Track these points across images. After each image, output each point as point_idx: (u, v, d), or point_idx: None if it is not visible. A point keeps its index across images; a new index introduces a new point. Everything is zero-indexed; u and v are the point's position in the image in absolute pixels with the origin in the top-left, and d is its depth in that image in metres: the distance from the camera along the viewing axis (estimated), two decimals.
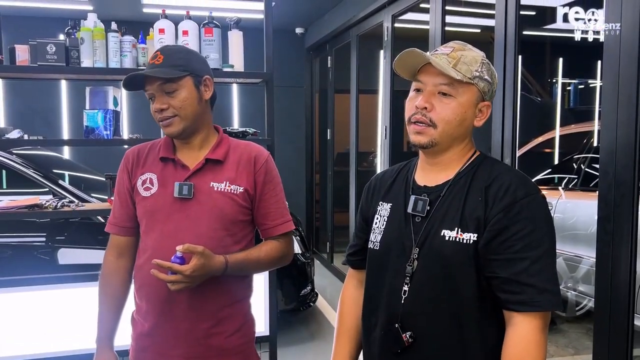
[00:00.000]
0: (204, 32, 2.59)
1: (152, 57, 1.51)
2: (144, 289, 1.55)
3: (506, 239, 1.12)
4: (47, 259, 3.55)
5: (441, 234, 1.18)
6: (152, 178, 1.55)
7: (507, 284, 1.12)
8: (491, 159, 1.27)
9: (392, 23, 4.25)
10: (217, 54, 2.61)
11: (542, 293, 1.10)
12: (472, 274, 1.15)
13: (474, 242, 1.15)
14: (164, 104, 1.48)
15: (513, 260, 1.11)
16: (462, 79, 1.18)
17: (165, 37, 2.56)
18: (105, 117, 2.51)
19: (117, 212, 1.61)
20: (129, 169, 1.59)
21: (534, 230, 1.12)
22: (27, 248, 3.56)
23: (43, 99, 5.81)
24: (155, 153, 1.59)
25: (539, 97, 6.07)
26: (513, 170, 1.24)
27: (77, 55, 2.45)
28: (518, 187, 1.15)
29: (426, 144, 1.21)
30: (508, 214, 1.13)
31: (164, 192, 1.53)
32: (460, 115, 1.20)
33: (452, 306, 1.16)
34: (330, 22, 5.68)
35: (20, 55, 2.43)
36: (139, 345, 1.59)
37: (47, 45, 2.40)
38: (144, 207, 1.55)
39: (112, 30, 2.53)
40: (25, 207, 2.44)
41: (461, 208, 1.18)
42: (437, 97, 1.20)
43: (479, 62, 1.21)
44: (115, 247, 1.62)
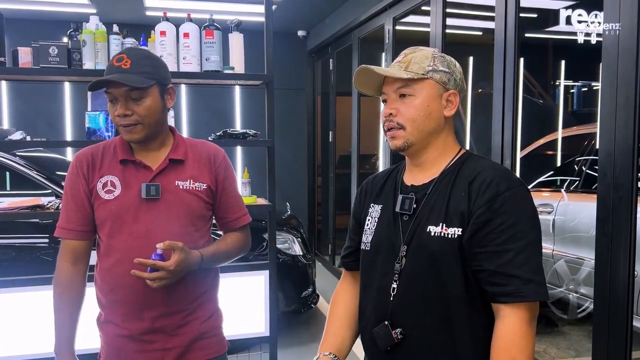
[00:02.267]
0: (205, 35, 2.61)
1: (118, 60, 1.50)
2: (117, 291, 1.55)
3: (490, 232, 1.14)
4: (50, 260, 3.57)
5: (427, 230, 1.20)
6: (114, 180, 1.55)
7: (493, 276, 1.13)
8: (476, 156, 1.29)
9: (393, 26, 4.27)
10: (217, 56, 2.62)
11: (528, 283, 1.11)
12: (459, 269, 1.17)
13: (458, 237, 1.17)
14: (128, 110, 1.48)
15: (498, 252, 1.13)
16: (414, 76, 1.23)
17: (167, 39, 2.58)
18: (106, 119, 2.53)
19: (72, 217, 1.58)
20: (85, 173, 1.57)
21: (518, 222, 1.14)
22: (30, 249, 3.59)
23: (46, 101, 5.84)
24: (111, 155, 1.58)
25: (541, 99, 6.07)
26: (496, 165, 1.26)
27: (79, 58, 2.47)
28: (500, 180, 1.17)
29: (402, 146, 1.26)
30: (491, 207, 1.15)
31: (127, 194, 1.54)
32: (424, 109, 1.24)
33: (440, 301, 1.18)
34: (332, 25, 5.70)
35: (23, 57, 2.45)
36: (114, 346, 1.59)
37: (49, 47, 2.42)
38: (107, 210, 1.54)
39: (114, 33, 2.55)
40: (27, 207, 2.46)
41: (446, 204, 1.20)
42: (399, 101, 1.25)
43: (430, 58, 1.25)
44: (71, 253, 1.59)
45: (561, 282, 3.82)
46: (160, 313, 1.55)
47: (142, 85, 1.47)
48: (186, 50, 2.60)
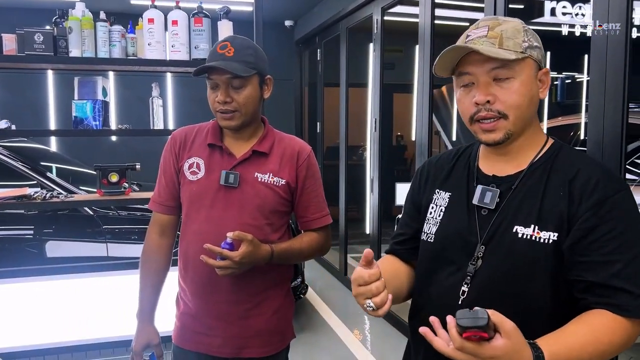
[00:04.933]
0: (194, 22, 2.58)
1: (221, 47, 1.54)
2: (189, 271, 1.62)
3: (596, 240, 1.01)
4: (35, 252, 3.53)
5: (513, 230, 1.06)
6: (200, 163, 1.60)
7: (596, 288, 1.00)
8: (569, 147, 1.14)
9: (381, 16, 4.25)
10: (206, 44, 2.59)
11: (638, 299, 0.98)
12: (548, 279, 1.03)
13: (553, 242, 1.03)
14: (228, 98, 1.52)
15: (604, 262, 1.00)
16: (517, 56, 1.05)
17: (155, 26, 2.54)
18: (94, 108, 2.49)
19: (162, 191, 1.66)
20: (176, 151, 1.64)
21: (627, 230, 1.01)
22: (15, 241, 3.54)
23: (29, 90, 5.75)
24: (203, 138, 1.63)
25: None
26: (597, 161, 1.12)
27: (65, 45, 2.43)
28: (608, 181, 1.04)
29: (502, 139, 1.09)
30: (598, 211, 1.01)
31: (209, 178, 1.58)
32: (528, 95, 1.07)
33: (519, 314, 0.97)
34: (320, 15, 5.67)
35: (7, 45, 2.40)
36: (182, 323, 1.66)
37: (34, 34, 2.38)
38: (189, 190, 1.60)
39: (101, 20, 2.51)
40: (13, 197, 2.42)
41: (539, 203, 1.06)
42: (493, 85, 1.07)
43: (522, 31, 1.08)
44: (158, 225, 1.68)
45: None
46: (224, 299, 1.59)
47: (244, 74, 1.50)
48: (175, 38, 2.57)
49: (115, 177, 2.58)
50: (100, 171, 2.60)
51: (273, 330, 1.65)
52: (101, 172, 2.59)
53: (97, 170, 2.62)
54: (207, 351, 1.62)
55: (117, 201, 2.65)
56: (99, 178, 2.59)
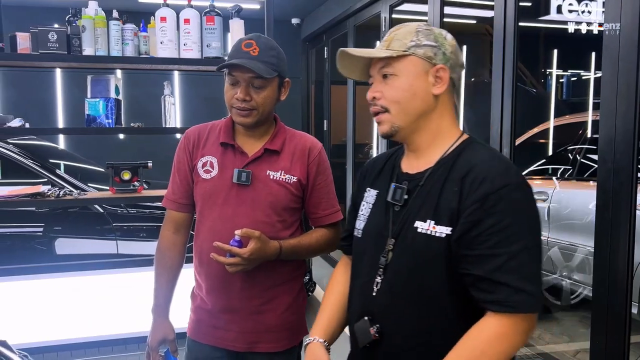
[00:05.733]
0: (206, 20, 2.59)
1: (246, 45, 1.54)
2: (203, 267, 1.64)
3: (480, 233, 1.04)
4: (44, 249, 3.55)
5: (414, 225, 1.12)
6: (213, 161, 1.62)
7: (480, 282, 1.04)
8: (478, 144, 1.18)
9: (389, 13, 4.26)
10: (218, 42, 2.61)
11: (518, 293, 1.01)
12: (443, 270, 1.08)
13: (446, 237, 1.08)
14: (248, 96, 1.53)
15: (487, 256, 1.03)
16: (393, 54, 1.14)
17: (167, 25, 2.56)
18: (107, 106, 2.51)
19: (175, 189, 1.68)
20: (190, 149, 1.65)
21: (512, 223, 1.03)
22: (25, 238, 3.56)
23: (38, 88, 5.77)
24: (215, 136, 1.65)
25: (534, 88, 6.11)
26: (497, 157, 1.14)
27: (78, 44, 2.44)
28: (496, 176, 1.07)
29: (389, 132, 1.17)
30: (483, 205, 1.04)
31: (223, 176, 1.60)
32: (408, 89, 1.14)
33: (422, 304, 1.10)
34: (327, 13, 5.67)
35: (22, 43, 2.41)
36: (197, 317, 1.69)
37: (48, 33, 2.39)
38: (203, 188, 1.62)
39: (114, 19, 2.52)
40: (27, 195, 2.44)
41: (436, 199, 1.11)
42: (382, 82, 1.16)
43: (413, 32, 1.15)
44: (173, 222, 1.70)
45: (555, 268, 3.87)
46: (237, 295, 1.61)
47: (267, 76, 1.51)
48: (187, 37, 2.58)
49: (128, 174, 2.59)
50: (112, 169, 2.61)
51: (286, 326, 1.66)
52: (113, 170, 2.61)
53: (110, 168, 2.63)
54: (221, 345, 1.65)
55: (130, 199, 2.66)
56: (111, 176, 2.61)
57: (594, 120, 4.12)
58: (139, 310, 2.65)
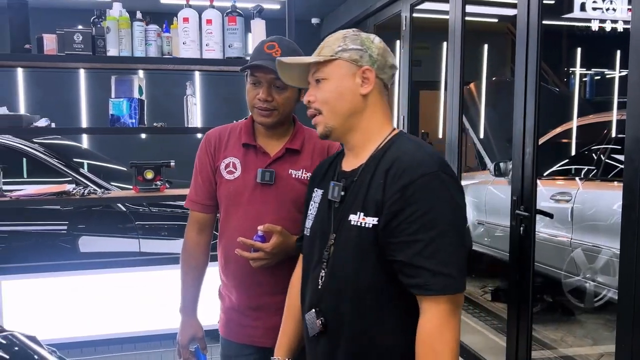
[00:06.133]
0: (228, 21, 2.60)
1: (269, 47, 1.58)
2: (230, 267, 1.69)
3: (402, 221, 1.11)
4: (68, 247, 3.61)
5: (348, 219, 1.20)
6: (235, 162, 1.67)
7: (404, 267, 1.12)
8: (405, 138, 1.24)
9: (410, 13, 4.24)
10: (240, 42, 2.62)
11: (436, 276, 1.09)
12: (374, 259, 1.15)
13: (373, 226, 1.15)
14: (270, 97, 1.57)
15: (408, 242, 1.11)
16: (321, 59, 1.22)
17: (190, 25, 2.57)
18: (130, 106, 2.54)
19: (198, 191, 1.72)
20: (212, 152, 1.70)
21: (430, 210, 1.10)
22: (50, 236, 3.62)
23: (62, 88, 5.87)
24: (236, 138, 1.69)
25: (557, 87, 6.03)
26: (420, 148, 1.19)
27: (103, 44, 2.47)
28: (416, 166, 1.13)
29: (324, 132, 1.25)
30: (404, 195, 1.11)
31: (246, 176, 1.65)
32: (335, 91, 1.22)
33: (356, 292, 1.18)
34: (347, 12, 5.67)
35: (48, 45, 2.45)
36: (227, 317, 1.74)
37: (74, 34, 2.43)
38: (227, 189, 1.67)
39: (137, 20, 2.55)
40: (53, 194, 2.48)
41: (365, 192, 1.18)
42: (316, 87, 1.25)
43: (341, 38, 1.24)
44: (197, 223, 1.74)
45: (578, 270, 3.81)
46: (263, 291, 1.65)
47: None
48: (209, 37, 2.60)
49: (151, 174, 2.62)
50: (135, 168, 2.64)
51: None
52: (137, 169, 2.63)
53: (133, 167, 2.66)
54: (250, 342, 1.69)
55: (152, 198, 2.69)
56: (134, 175, 2.64)
57: (619, 119, 4.05)
58: (160, 308, 2.68)
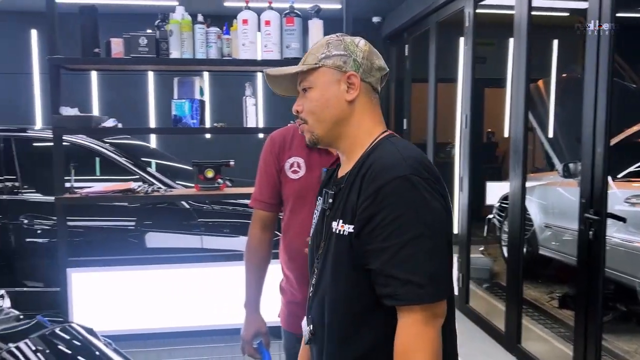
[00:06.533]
0: (286, 22, 2.63)
1: None
2: (294, 262, 1.74)
3: (375, 227, 1.07)
4: (136, 242, 3.75)
5: (331, 226, 1.18)
6: (300, 162, 1.72)
7: (376, 276, 1.08)
8: (389, 141, 1.19)
9: (474, 8, 4.12)
10: (298, 43, 2.64)
11: (405, 285, 1.04)
12: (349, 267, 1.13)
13: (349, 234, 1.12)
14: None
15: (379, 250, 1.07)
16: (305, 68, 1.19)
17: (249, 27, 2.62)
18: (192, 107, 2.61)
19: (263, 190, 1.78)
20: (276, 152, 1.75)
21: (400, 215, 1.05)
22: (120, 231, 3.78)
23: (132, 90, 6.14)
24: (300, 138, 1.72)
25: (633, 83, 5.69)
26: (397, 151, 1.14)
27: (166, 47, 2.56)
28: (388, 170, 1.09)
29: (311, 141, 1.23)
30: (375, 200, 1.08)
31: (310, 175, 1.70)
32: (320, 99, 1.19)
33: (334, 300, 1.17)
34: (408, 10, 5.58)
35: (115, 48, 2.57)
36: (290, 310, 1.79)
37: (139, 38, 2.53)
38: (292, 188, 1.73)
39: (199, 23, 2.62)
40: (119, 191, 2.59)
41: (346, 199, 1.16)
42: (303, 96, 1.23)
43: (324, 45, 1.21)
44: (260, 221, 1.80)
45: None
46: None
47: None
48: (267, 38, 2.63)
49: (211, 172, 2.69)
50: (197, 167, 2.72)
51: None
52: (198, 168, 2.71)
53: (195, 166, 2.74)
54: None
55: (212, 196, 2.75)
56: (196, 174, 2.71)
57: None
58: (222, 303, 2.73)
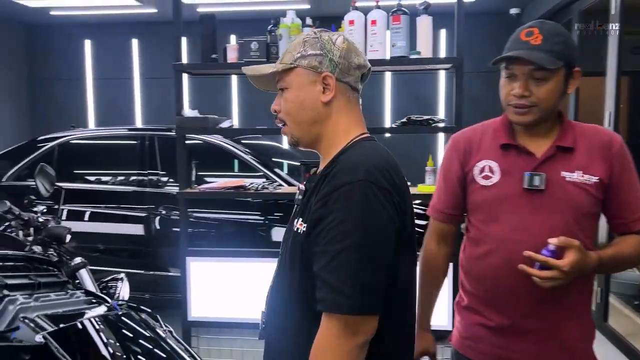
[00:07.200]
0: (392, 20, 2.60)
1: (527, 34, 1.37)
2: (485, 281, 1.48)
3: (322, 230, 1.06)
4: (264, 235, 3.96)
5: (294, 224, 1.17)
6: (492, 166, 1.47)
7: (316, 278, 1.07)
8: (359, 145, 1.17)
9: None
10: (404, 41, 2.60)
11: (333, 292, 1.03)
12: (299, 266, 1.13)
13: (302, 233, 1.12)
14: (527, 91, 1.37)
15: (321, 253, 1.06)
16: (279, 68, 1.17)
17: (355, 28, 2.64)
18: None
19: (443, 198, 1.58)
20: (461, 156, 1.52)
21: (344, 221, 1.04)
22: (251, 225, 3.99)
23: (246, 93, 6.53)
24: (490, 138, 1.50)
25: None
26: (359, 155, 1.12)
27: (276, 51, 2.68)
28: (343, 174, 1.08)
29: (291, 142, 1.22)
30: (326, 203, 1.07)
31: (507, 181, 1.44)
32: (295, 101, 1.17)
33: (282, 299, 1.18)
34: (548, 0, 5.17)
35: (231, 54, 2.75)
36: (473, 334, 1.54)
37: (251, 43, 2.67)
38: (483, 196, 1.48)
39: (307, 25, 2.70)
40: (231, 187, 2.77)
41: (308, 199, 1.15)
42: (280, 95, 1.20)
43: (301, 43, 1.17)
44: (437, 233, 1.61)
45: None
46: (532, 312, 1.43)
47: (550, 66, 1.34)
48: (373, 38, 2.63)
49: None
50: (304, 166, 2.81)
51: (579, 350, 1.47)
52: (305, 167, 2.80)
53: (302, 165, 2.84)
54: None
55: None
56: (302, 172, 2.81)
57: None
58: None
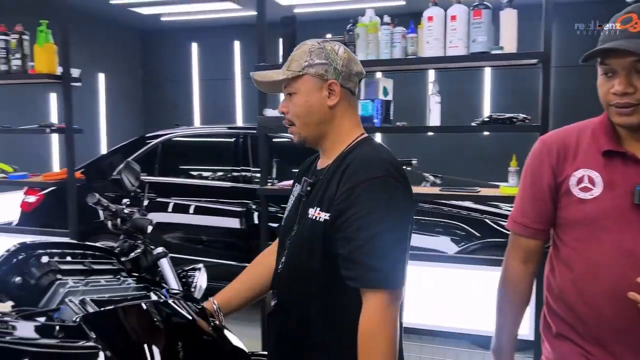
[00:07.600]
0: (473, 15, 2.50)
1: (623, 21, 1.20)
2: (579, 308, 1.30)
3: (346, 219, 1.22)
4: None
5: (307, 212, 1.31)
6: (593, 177, 1.27)
7: (344, 260, 1.22)
8: (367, 143, 1.33)
9: None
10: (485, 36, 2.48)
11: (371, 271, 1.18)
12: (320, 250, 1.27)
13: (324, 221, 1.26)
14: (630, 88, 1.18)
15: (349, 238, 1.21)
16: (288, 75, 1.31)
17: (434, 24, 2.57)
18: (374, 107, 2.67)
19: (527, 211, 1.37)
20: (553, 163, 1.32)
21: (370, 212, 1.20)
22: None
23: None
24: (589, 142, 1.30)
25: None
26: (374, 153, 1.28)
27: (353, 50, 2.66)
28: (363, 170, 1.23)
29: (299, 141, 1.36)
30: (350, 196, 1.22)
31: (612, 195, 1.25)
32: (304, 105, 1.31)
33: (303, 279, 1.31)
34: None
35: None
36: None
37: None
38: (580, 211, 1.28)
39: (385, 24, 2.67)
40: None
41: (324, 189, 1.29)
42: (288, 99, 1.35)
43: (307, 52, 1.30)
44: (521, 250, 1.40)
45: None
46: (631, 348, 1.26)
47: None
48: (453, 34, 2.54)
49: None
50: None
51: None
52: None
53: None
54: None
55: None
56: None
57: None
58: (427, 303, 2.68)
